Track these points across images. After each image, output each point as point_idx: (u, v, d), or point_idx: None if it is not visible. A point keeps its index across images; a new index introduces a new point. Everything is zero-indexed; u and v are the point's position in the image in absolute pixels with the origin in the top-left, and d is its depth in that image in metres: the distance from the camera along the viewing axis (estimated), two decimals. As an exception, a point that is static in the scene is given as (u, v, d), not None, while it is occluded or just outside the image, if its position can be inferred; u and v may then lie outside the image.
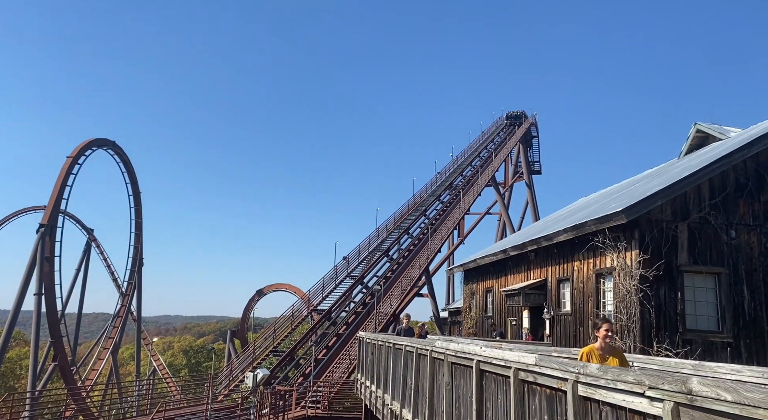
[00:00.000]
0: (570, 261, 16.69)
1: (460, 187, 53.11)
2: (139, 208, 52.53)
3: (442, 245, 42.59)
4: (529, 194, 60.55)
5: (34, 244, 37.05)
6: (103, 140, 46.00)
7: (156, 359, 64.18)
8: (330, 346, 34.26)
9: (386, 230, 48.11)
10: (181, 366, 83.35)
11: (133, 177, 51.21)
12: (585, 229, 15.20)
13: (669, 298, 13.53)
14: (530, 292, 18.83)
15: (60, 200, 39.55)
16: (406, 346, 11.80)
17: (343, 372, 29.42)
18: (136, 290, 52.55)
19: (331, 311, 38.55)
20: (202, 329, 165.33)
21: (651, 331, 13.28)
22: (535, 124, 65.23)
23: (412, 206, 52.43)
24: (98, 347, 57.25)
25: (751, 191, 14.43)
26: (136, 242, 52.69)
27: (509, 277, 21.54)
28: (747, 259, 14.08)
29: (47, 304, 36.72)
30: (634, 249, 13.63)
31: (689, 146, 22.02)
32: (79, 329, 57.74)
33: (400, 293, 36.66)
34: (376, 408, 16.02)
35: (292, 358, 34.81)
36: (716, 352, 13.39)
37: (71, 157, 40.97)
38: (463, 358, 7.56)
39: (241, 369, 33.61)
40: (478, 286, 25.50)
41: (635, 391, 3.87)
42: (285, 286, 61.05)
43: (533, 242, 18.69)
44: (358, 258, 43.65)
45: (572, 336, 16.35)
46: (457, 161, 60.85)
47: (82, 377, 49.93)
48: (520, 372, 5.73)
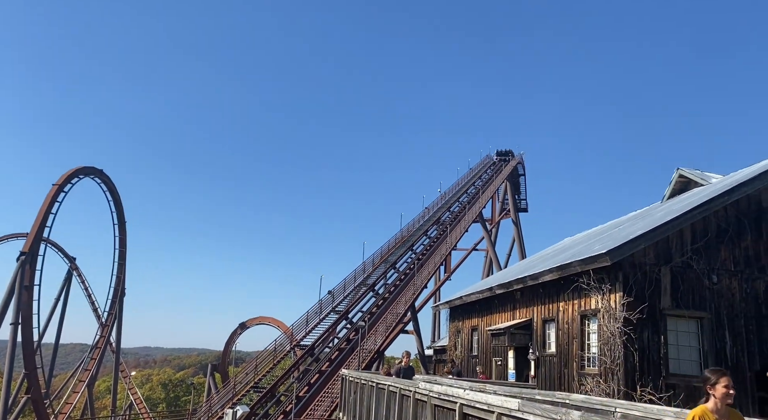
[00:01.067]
0: (555, 301, 16.73)
1: (448, 223, 53.35)
2: (124, 237, 52.04)
3: (429, 281, 42.48)
4: (515, 231, 60.94)
5: (14, 272, 36.44)
6: (90, 169, 45.89)
7: (133, 393, 62.41)
8: (312, 383, 33.63)
9: (373, 264, 47.98)
10: (159, 400, 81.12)
11: (119, 206, 50.92)
12: (570, 270, 15.32)
13: (652, 342, 13.58)
14: (516, 332, 18.76)
15: (43, 228, 39.15)
16: (389, 385, 11.68)
17: (325, 410, 28.82)
18: (116, 321, 51.56)
19: (315, 347, 38.01)
20: (183, 362, 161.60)
21: (635, 375, 13.27)
22: (522, 163, 66.20)
23: (399, 241, 52.47)
24: (74, 379, 55.68)
25: (732, 237, 14.70)
26: (119, 272, 52.00)
27: (495, 316, 21.49)
28: (728, 305, 14.23)
29: (23, 334, 35.88)
30: (618, 291, 13.73)
31: (672, 190, 22.46)
32: (55, 360, 56.25)
33: (385, 329, 36.31)
34: (357, 449, 15.69)
35: (273, 395, 34.08)
36: (699, 397, 13.32)
37: (57, 184, 40.77)
38: (446, 401, 7.51)
39: (221, 405, 32.83)
40: (463, 323, 25.37)
41: (616, 442, 3.89)
42: (268, 320, 60.22)
43: (519, 281, 18.75)
44: (343, 292, 43.35)
45: (557, 378, 16.26)
46: (444, 197, 61.32)
47: (55, 411, 48.32)
48: (503, 417, 5.71)
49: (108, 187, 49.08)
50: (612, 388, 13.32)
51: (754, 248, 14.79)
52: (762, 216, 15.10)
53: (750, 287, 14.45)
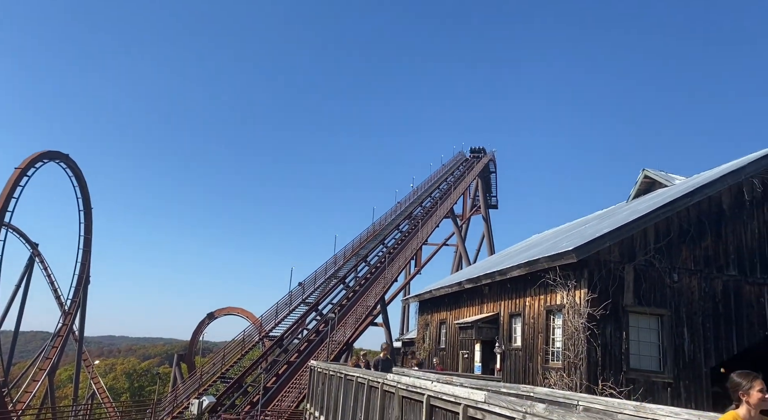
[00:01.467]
0: (522, 296, 17.04)
1: (419, 218, 53.69)
2: (89, 224, 50.90)
3: (399, 274, 42.75)
4: (485, 228, 61.70)
5: (-27, 256, 35.30)
6: (55, 153, 44.67)
7: (96, 382, 61.20)
8: (280, 374, 33.57)
9: (344, 257, 48.00)
10: (123, 390, 79.82)
11: (85, 192, 49.73)
12: (537, 266, 15.62)
13: (615, 338, 13.97)
14: (483, 326, 19.05)
15: (4, 213, 38.07)
16: (357, 377, 11.76)
17: (293, 401, 28.83)
18: (80, 309, 50.46)
19: (284, 338, 37.91)
20: (148, 351, 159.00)
21: (597, 369, 13.64)
22: (493, 160, 66.97)
23: (371, 234, 52.59)
24: (34, 368, 54.29)
25: (693, 237, 15.19)
26: (84, 259, 50.88)
27: (463, 310, 21.76)
28: (688, 302, 14.73)
29: (-19, 321, 34.85)
30: (583, 288, 14.06)
31: (637, 190, 23.05)
32: (15, 348, 54.73)
33: (355, 321, 36.43)
34: (324, 440, 15.77)
35: (240, 385, 33.90)
36: (657, 392, 13.85)
37: (20, 168, 39.62)
38: (414, 393, 7.62)
39: (187, 395, 32.50)
40: (432, 317, 25.63)
41: (578, 433, 4.02)
42: (237, 311, 59.68)
43: (488, 276, 19.02)
44: (314, 284, 43.30)
45: (522, 371, 16.60)
46: (417, 192, 61.64)
47: (14, 400, 47.07)
48: (469, 408, 5.83)
49: (74, 172, 47.86)
50: (575, 382, 13.68)
51: (714, 248, 15.32)
52: (722, 218, 15.65)
53: (708, 286, 14.98)
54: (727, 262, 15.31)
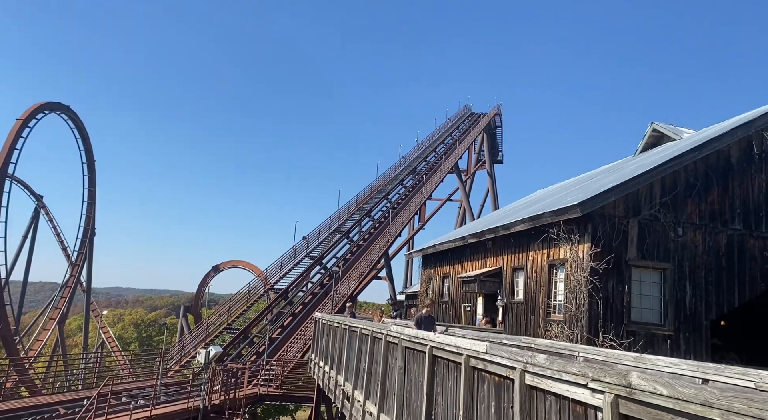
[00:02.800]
0: (525, 251, 17.06)
1: (424, 173, 53.41)
2: (93, 177, 50.87)
3: (403, 229, 42.88)
4: (490, 183, 61.42)
5: (-22, 208, 35.48)
6: (56, 104, 44.17)
7: (105, 331, 62.71)
8: (285, 326, 34.22)
9: (348, 212, 48.07)
10: (131, 339, 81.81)
11: (87, 144, 49.45)
12: (541, 221, 15.56)
13: (617, 291, 14.04)
14: (486, 280, 19.18)
15: (7, 164, 37.96)
16: (361, 328, 11.92)
17: (298, 352, 29.49)
18: (86, 260, 51.10)
19: (288, 291, 38.44)
20: (155, 303, 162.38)
21: (598, 322, 13.78)
22: (499, 114, 65.96)
23: (375, 189, 52.48)
24: (44, 317, 55.51)
25: (699, 192, 15.04)
26: (89, 211, 51.11)
27: (466, 264, 21.88)
28: (691, 257, 14.72)
29: (-10, 272, 35.34)
30: (587, 242, 14.04)
31: (645, 144, 22.71)
32: (24, 298, 55.77)
33: (359, 275, 36.81)
34: (328, 388, 16.17)
35: (246, 336, 34.63)
36: (657, 344, 14.02)
37: (21, 119, 39.25)
38: (417, 344, 7.69)
39: (194, 345, 33.27)
40: (435, 271, 25.83)
41: (579, 383, 4.03)
42: (242, 264, 60.45)
43: (491, 231, 19.01)
44: (318, 238, 43.53)
45: (524, 324, 16.81)
46: (421, 147, 61.09)
47: (25, 347, 48.37)
48: (471, 359, 5.87)
49: (75, 124, 47.46)
50: (575, 335, 13.84)
51: (720, 203, 15.18)
52: (729, 172, 15.44)
53: (712, 240, 14.93)
54: (732, 216, 15.20)
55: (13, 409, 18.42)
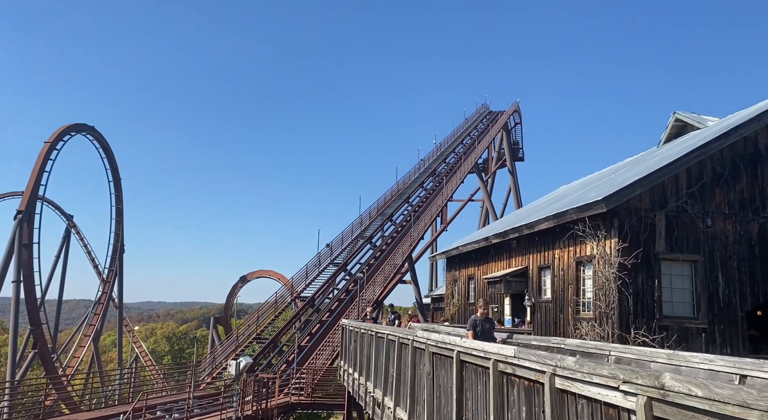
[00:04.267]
0: (551, 249, 16.86)
1: (444, 174, 53.23)
2: (120, 194, 51.83)
3: (425, 232, 42.77)
4: (511, 181, 60.91)
5: (12, 230, 36.43)
6: (81, 125, 45.14)
7: (138, 346, 63.82)
8: (313, 333, 34.36)
9: (369, 217, 48.13)
10: (164, 353, 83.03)
11: (113, 163, 50.42)
12: (566, 218, 15.35)
13: (646, 286, 13.77)
14: (512, 280, 19.01)
15: (38, 186, 38.86)
16: (387, 334, 11.89)
17: (327, 359, 29.56)
18: (117, 277, 52.04)
19: (315, 298, 38.61)
20: (186, 315, 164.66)
21: (629, 318, 13.53)
22: (518, 111, 65.44)
23: (396, 193, 52.47)
24: (79, 334, 56.72)
25: (727, 180, 14.67)
26: (117, 229, 52.07)
27: (491, 265, 21.71)
28: (722, 247, 14.36)
29: (26, 292, 36.22)
30: (613, 237, 13.81)
31: (668, 135, 22.27)
32: (60, 316, 57.08)
33: (383, 280, 36.81)
34: (359, 395, 16.16)
35: (276, 345, 34.86)
36: (691, 338, 13.70)
37: (49, 142, 40.18)
38: (443, 349, 7.64)
39: (225, 356, 33.61)
40: (460, 273, 25.68)
41: (610, 385, 3.94)
42: (268, 273, 60.91)
43: (515, 230, 18.83)
44: (341, 245, 43.67)
45: (553, 322, 16.59)
46: (440, 148, 60.92)
47: (63, 365, 49.47)
48: (499, 363, 5.80)
49: (101, 143, 48.44)
50: (606, 332, 13.61)
51: (749, 190, 14.79)
52: (758, 157, 15.04)
53: (744, 229, 14.55)
54: (763, 203, 14.80)
55: (53, 426, 18.84)
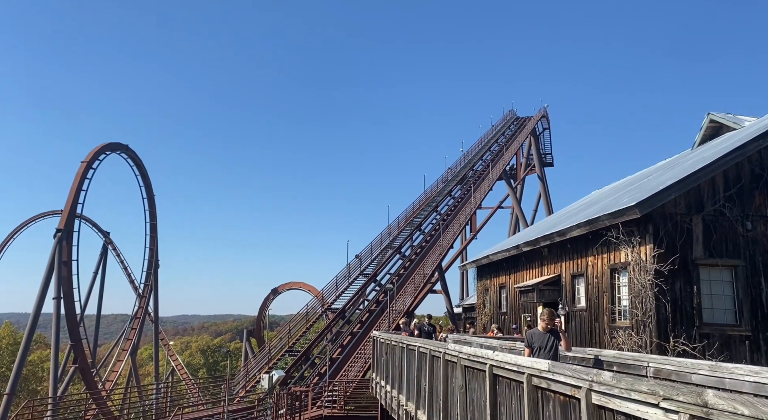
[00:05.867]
0: (584, 256, 16.54)
1: (472, 182, 52.89)
2: (154, 211, 52.94)
3: (455, 241, 42.49)
4: (541, 187, 60.13)
5: (52, 248, 37.52)
6: (116, 145, 46.39)
7: (174, 359, 64.86)
8: (345, 345, 34.35)
9: (398, 227, 48.07)
10: (199, 365, 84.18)
11: (146, 180, 51.60)
12: (598, 224, 15.05)
13: (685, 292, 13.37)
14: (544, 288, 18.68)
15: (76, 205, 39.96)
16: (419, 347, 11.79)
17: (359, 371, 29.48)
18: (153, 291, 53.05)
19: (345, 309, 38.64)
20: (219, 328, 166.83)
21: (667, 326, 13.14)
22: (546, 116, 64.74)
23: (423, 202, 52.33)
24: (117, 349, 57.97)
25: (766, 182, 14.19)
26: (151, 244, 53.14)
27: (523, 273, 21.41)
28: (764, 251, 13.86)
29: (66, 308, 37.20)
30: (649, 243, 13.47)
31: (702, 136, 21.69)
32: (99, 331, 58.46)
33: (414, 290, 36.63)
34: (391, 408, 16.04)
35: (308, 358, 34.95)
36: (734, 346, 13.21)
37: (85, 161, 41.35)
38: (476, 362, 7.52)
39: (258, 369, 33.85)
40: (491, 282, 25.39)
41: (649, 402, 3.81)
42: (299, 285, 61.31)
43: (546, 238, 18.55)
44: (370, 256, 43.68)
45: (588, 331, 16.23)
46: (467, 156, 60.60)
47: (102, 379, 50.56)
48: (533, 378, 5.68)
49: (134, 161, 49.67)
50: (644, 340, 13.23)
51: (791, 193, 14.26)
52: (799, 159, 14.50)
53: (787, 233, 14.01)
54: (806, 205, 14.24)
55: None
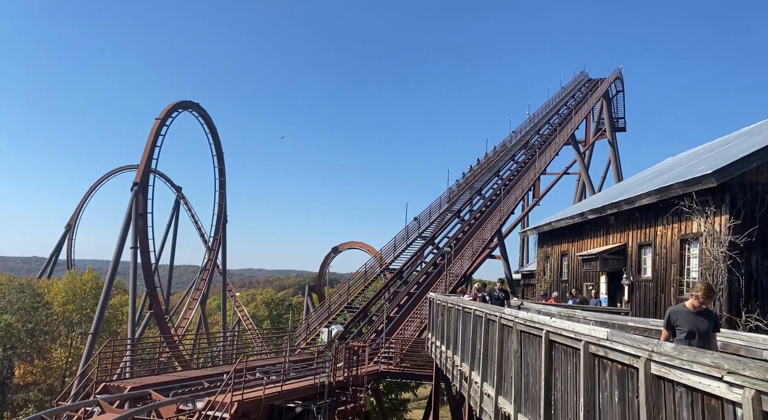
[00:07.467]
0: (653, 225, 15.91)
1: (537, 146, 51.39)
2: (222, 168, 54.83)
3: (516, 207, 41.73)
4: (611, 153, 57.70)
5: (129, 201, 39.84)
6: (188, 102, 48.03)
7: (240, 310, 68.25)
8: (401, 305, 34.93)
9: (458, 191, 47.65)
10: (263, 317, 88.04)
11: (216, 137, 53.33)
12: (670, 193, 14.36)
13: (762, 266, 12.66)
14: (608, 258, 18.19)
15: (150, 160, 41.99)
16: (475, 310, 11.84)
17: (415, 330, 30.00)
18: (221, 245, 55.52)
19: (403, 270, 39.11)
20: (283, 282, 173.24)
21: (739, 301, 12.54)
22: (620, 78, 61.44)
23: (485, 166, 51.45)
24: (188, 298, 61.56)
25: None
26: (220, 200, 55.31)
27: (586, 241, 20.87)
28: None
29: (142, 257, 39.70)
30: (724, 214, 12.77)
31: (796, 101, 19.98)
32: (172, 280, 62.11)
33: (472, 254, 36.52)
34: (446, 368, 16.32)
35: (365, 315, 35.85)
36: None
37: (159, 118, 43.16)
38: (532, 327, 7.49)
39: (318, 323, 35.08)
40: (553, 249, 24.92)
41: (713, 375, 3.69)
42: (359, 244, 62.44)
43: (613, 206, 17.92)
44: (429, 219, 43.69)
45: (653, 303, 15.75)
46: (533, 119, 58.73)
47: (174, 325, 54.02)
48: (590, 345, 5.61)
49: (205, 120, 51.35)
50: (713, 315, 12.70)
51: None
52: None
53: None
54: None
55: (168, 382, 20.75)
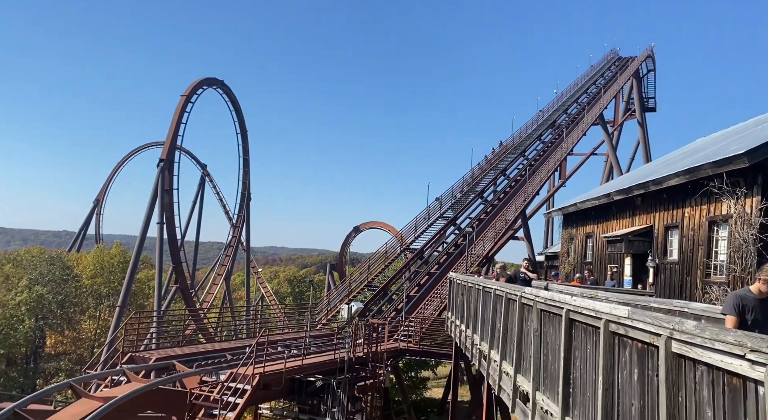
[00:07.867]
0: (680, 207, 15.56)
1: (564, 126, 50.48)
2: (246, 146, 55.16)
3: (541, 187, 41.23)
4: (641, 133, 56.43)
5: (155, 177, 40.45)
6: (212, 79, 48.18)
7: (263, 286, 69.31)
8: (422, 284, 35.02)
9: (481, 171, 47.21)
10: (285, 294, 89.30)
11: (240, 115, 53.55)
12: (700, 173, 13.99)
13: (793, 250, 12.28)
14: (634, 239, 17.90)
15: (176, 136, 42.37)
16: (495, 290, 11.79)
17: (435, 309, 30.10)
18: (245, 222, 56.21)
19: (424, 250, 39.11)
20: (305, 261, 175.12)
21: (769, 286, 12.21)
22: (651, 57, 59.72)
23: (510, 146, 50.80)
24: (213, 273, 62.70)
25: None
26: (244, 178, 55.77)
27: (612, 223, 20.55)
28: None
29: (168, 233, 40.41)
30: (756, 195, 12.40)
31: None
32: (197, 256, 63.32)
33: (494, 235, 36.29)
34: (465, 347, 16.36)
35: (386, 293, 36.05)
36: None
37: (184, 95, 43.39)
38: (552, 306, 7.42)
39: (339, 300, 35.44)
40: (577, 230, 24.61)
41: (735, 353, 3.60)
42: (380, 224, 62.63)
43: (640, 186, 17.56)
44: (451, 199, 43.46)
45: (678, 285, 15.48)
46: (561, 98, 57.59)
47: (200, 299, 55.17)
48: (611, 324, 5.53)
49: (229, 97, 51.51)
50: (740, 299, 12.42)
51: None
52: None
53: None
54: None
55: (192, 353, 21.33)
